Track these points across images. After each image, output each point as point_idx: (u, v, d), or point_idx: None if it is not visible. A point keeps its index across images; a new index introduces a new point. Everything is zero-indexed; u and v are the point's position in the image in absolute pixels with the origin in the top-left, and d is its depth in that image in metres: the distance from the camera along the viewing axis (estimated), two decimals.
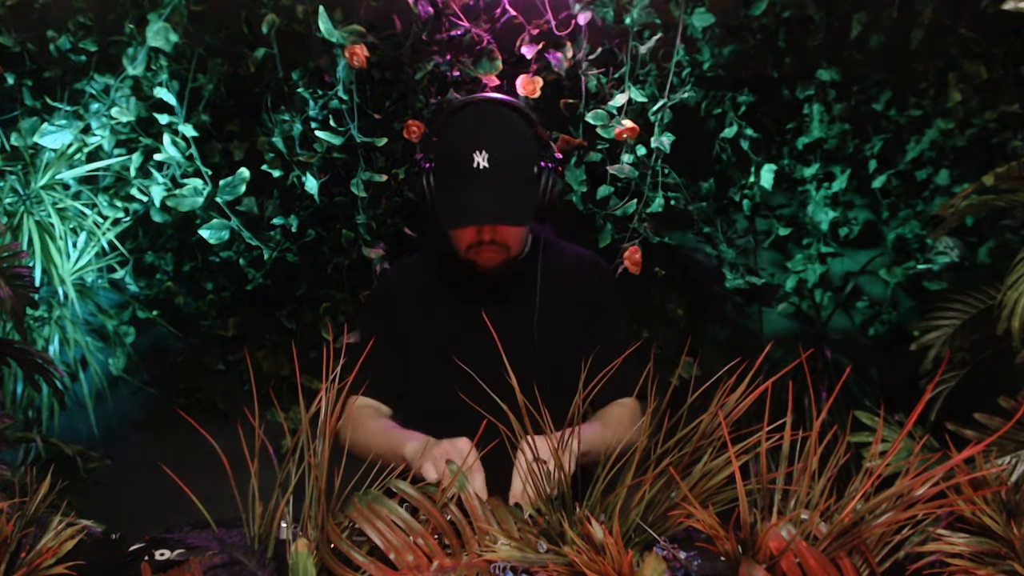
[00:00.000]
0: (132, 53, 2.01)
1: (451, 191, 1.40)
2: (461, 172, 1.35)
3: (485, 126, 1.38)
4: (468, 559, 0.90)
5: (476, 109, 1.42)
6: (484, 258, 1.46)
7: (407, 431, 1.36)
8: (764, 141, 2.37)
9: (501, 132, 1.38)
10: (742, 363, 1.00)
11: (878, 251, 2.45)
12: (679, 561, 0.91)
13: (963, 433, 1.39)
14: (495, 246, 1.44)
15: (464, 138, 1.37)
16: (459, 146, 1.36)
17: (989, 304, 1.81)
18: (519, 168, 1.39)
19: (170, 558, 0.98)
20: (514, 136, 1.40)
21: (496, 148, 1.34)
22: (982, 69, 2.25)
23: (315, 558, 0.87)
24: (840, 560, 0.82)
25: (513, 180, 1.38)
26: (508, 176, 1.36)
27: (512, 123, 1.41)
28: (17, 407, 2.11)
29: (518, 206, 1.39)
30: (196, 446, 1.23)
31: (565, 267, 1.56)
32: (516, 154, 1.39)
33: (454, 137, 1.39)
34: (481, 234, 1.42)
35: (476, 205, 1.36)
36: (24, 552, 0.91)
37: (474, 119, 1.40)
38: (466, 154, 1.34)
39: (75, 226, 2.10)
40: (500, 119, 1.40)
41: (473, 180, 1.34)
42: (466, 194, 1.36)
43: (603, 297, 1.57)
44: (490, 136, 1.36)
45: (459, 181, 1.37)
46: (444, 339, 1.51)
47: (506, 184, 1.36)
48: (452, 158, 1.38)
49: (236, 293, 2.31)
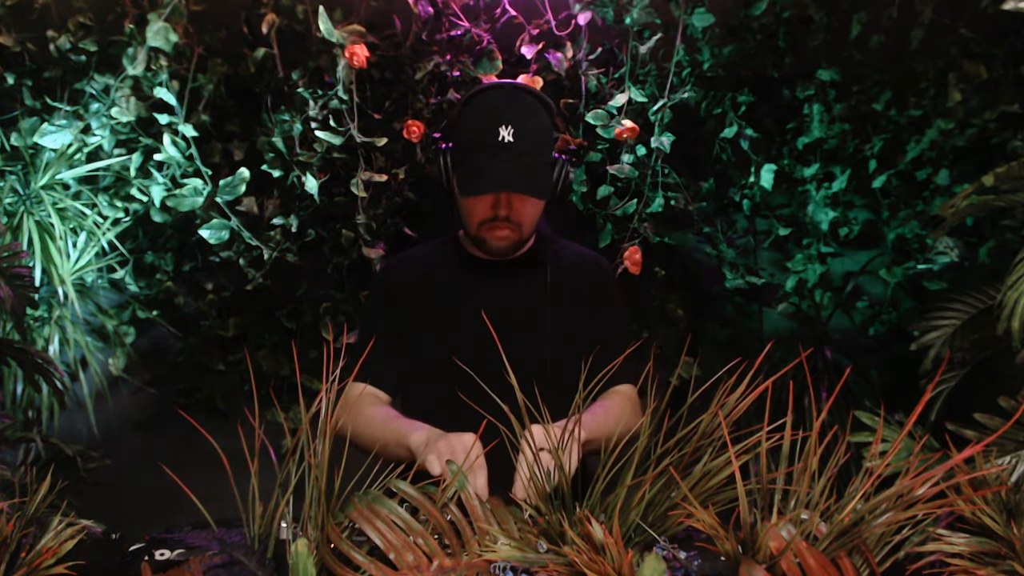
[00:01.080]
0: (132, 53, 2.01)
1: (474, 163, 1.42)
2: (486, 145, 1.39)
3: (512, 105, 1.43)
4: (468, 559, 0.90)
5: (503, 91, 1.46)
6: (496, 236, 1.47)
7: (411, 421, 1.36)
8: (764, 141, 2.37)
9: (527, 113, 1.43)
10: (742, 363, 1.00)
11: (878, 251, 2.45)
12: (679, 561, 0.91)
13: (963, 433, 1.39)
14: (509, 224, 1.46)
15: (491, 114, 1.40)
16: (485, 121, 1.40)
17: (989, 304, 1.81)
18: (541, 149, 1.44)
19: (170, 558, 0.98)
20: (538, 119, 1.44)
21: (522, 126, 1.39)
22: (982, 69, 2.25)
23: (315, 558, 0.87)
24: (840, 560, 0.82)
25: (535, 158, 1.42)
26: (531, 153, 1.40)
27: (536, 108, 1.45)
28: (17, 407, 2.11)
29: (539, 180, 1.43)
30: (196, 446, 1.23)
31: (568, 264, 1.58)
32: (539, 136, 1.43)
33: (480, 114, 1.43)
34: (497, 208, 1.44)
35: (498, 175, 1.39)
36: (24, 552, 0.91)
37: (501, 98, 1.44)
38: (492, 128, 1.38)
39: (75, 226, 2.10)
40: (526, 102, 1.45)
41: (497, 153, 1.38)
42: (489, 165, 1.39)
43: (605, 295, 1.58)
44: (516, 114, 1.40)
45: (483, 153, 1.40)
46: (447, 328, 1.52)
47: (529, 159, 1.40)
48: (477, 132, 1.41)
49: (236, 293, 2.30)
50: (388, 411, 1.45)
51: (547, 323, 1.50)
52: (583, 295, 1.56)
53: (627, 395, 1.48)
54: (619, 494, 0.94)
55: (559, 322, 1.52)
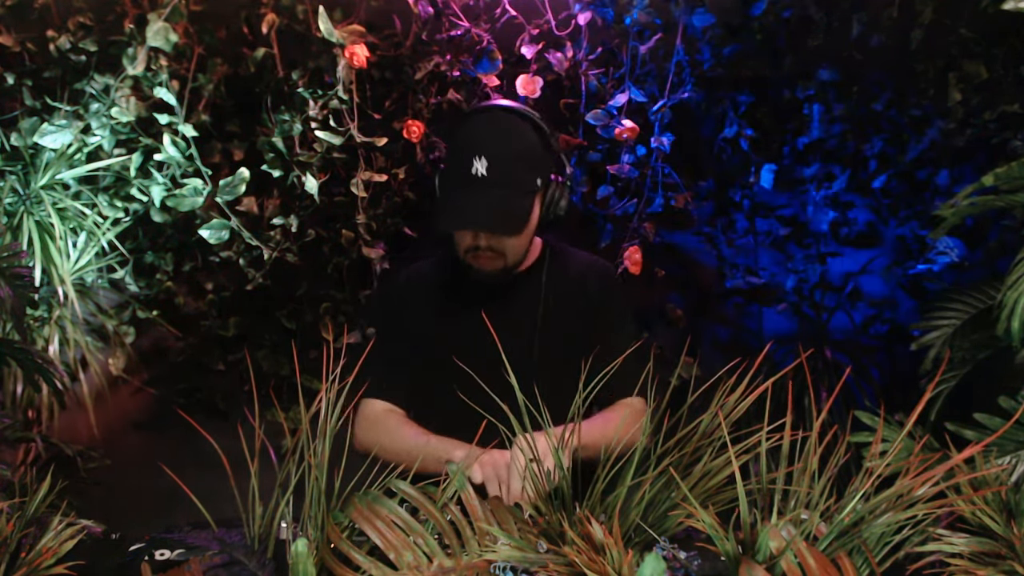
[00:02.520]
0: (132, 53, 2.01)
1: (449, 195, 1.42)
2: (460, 177, 1.37)
3: (489, 134, 1.39)
4: (468, 559, 0.90)
5: (485, 116, 1.42)
6: (481, 263, 1.47)
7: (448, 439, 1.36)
8: (764, 141, 2.37)
9: (503, 140, 1.38)
10: (742, 363, 1.00)
11: (878, 251, 2.45)
12: (679, 561, 0.91)
13: (963, 433, 1.39)
14: (492, 252, 1.45)
15: (467, 144, 1.38)
16: (462, 151, 1.38)
17: (989, 304, 1.81)
18: (518, 179, 1.39)
19: (170, 558, 0.98)
20: (518, 147, 1.40)
21: (496, 157, 1.35)
22: (982, 69, 2.25)
23: (315, 558, 0.87)
24: (840, 560, 0.82)
25: (509, 191, 1.38)
26: (504, 186, 1.37)
27: (519, 134, 1.41)
28: (17, 407, 2.11)
29: (510, 217, 1.40)
30: (196, 446, 1.23)
31: (572, 275, 1.57)
32: (517, 165, 1.39)
33: (459, 142, 1.41)
34: (477, 239, 1.43)
35: (467, 211, 1.38)
36: (24, 552, 0.91)
37: (481, 126, 1.41)
38: (467, 160, 1.35)
39: (75, 226, 2.10)
40: (507, 128, 1.40)
41: (470, 186, 1.36)
42: (461, 199, 1.38)
43: (607, 300, 1.57)
44: (491, 143, 1.37)
45: (457, 186, 1.39)
46: (447, 343, 1.52)
47: (501, 194, 1.37)
48: (455, 163, 1.39)
49: (236, 293, 2.30)
50: (418, 429, 1.45)
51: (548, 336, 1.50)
52: (587, 303, 1.55)
53: (634, 407, 1.46)
54: (619, 494, 0.94)
55: (561, 334, 1.51)
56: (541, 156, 1.43)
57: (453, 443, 1.33)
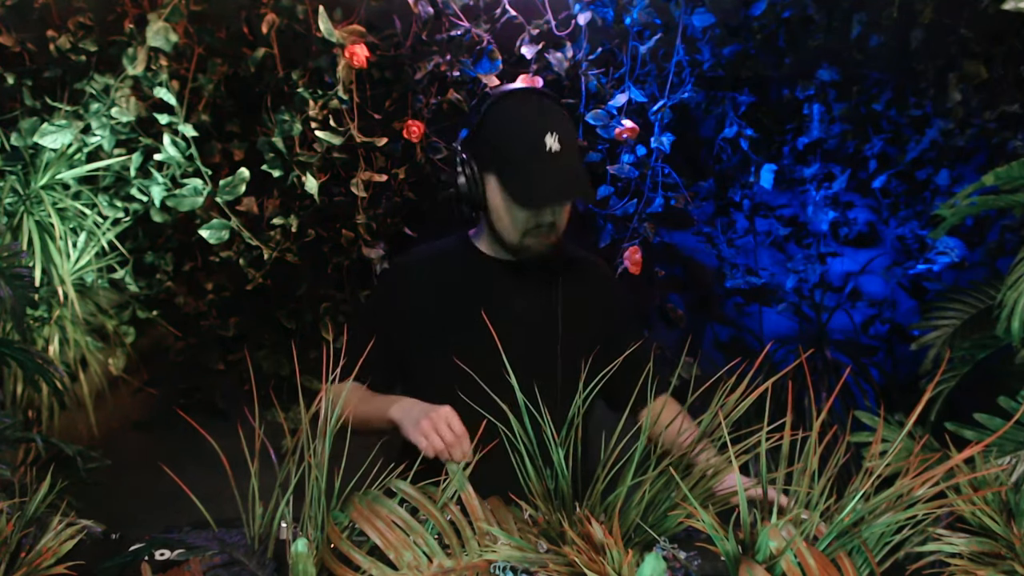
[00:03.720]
0: (132, 53, 2.01)
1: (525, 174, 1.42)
2: (536, 155, 1.39)
3: (546, 111, 1.44)
4: (468, 559, 0.90)
5: (533, 97, 1.46)
6: (542, 243, 1.48)
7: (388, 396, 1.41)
8: (764, 141, 2.37)
9: (562, 117, 1.44)
10: (742, 363, 1.00)
11: (878, 251, 2.45)
12: (679, 561, 0.91)
13: (963, 433, 1.39)
14: (553, 229, 1.47)
15: (531, 122, 1.41)
16: (527, 130, 1.40)
17: (989, 304, 1.81)
18: (580, 153, 1.48)
19: (170, 558, 0.98)
20: (570, 123, 1.47)
21: (562, 132, 1.40)
22: (982, 69, 2.24)
23: (315, 558, 0.87)
24: (840, 560, 0.82)
25: (578, 163, 1.45)
26: (576, 158, 1.43)
27: (564, 112, 1.47)
28: (17, 407, 2.11)
29: (587, 185, 1.46)
30: (196, 446, 1.23)
31: (575, 267, 1.59)
32: (576, 140, 1.46)
33: (517, 122, 1.42)
34: (542, 216, 1.45)
35: (553, 185, 1.40)
36: (24, 552, 0.91)
37: (535, 105, 1.45)
38: (537, 137, 1.38)
39: (75, 226, 2.10)
40: (556, 107, 1.46)
41: (547, 162, 1.39)
42: (542, 175, 1.39)
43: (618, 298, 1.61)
44: (556, 121, 1.42)
45: (533, 164, 1.40)
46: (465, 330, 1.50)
47: (575, 165, 1.43)
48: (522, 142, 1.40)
49: (236, 293, 2.30)
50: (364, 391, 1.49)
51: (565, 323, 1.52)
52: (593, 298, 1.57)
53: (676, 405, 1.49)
54: (619, 494, 0.94)
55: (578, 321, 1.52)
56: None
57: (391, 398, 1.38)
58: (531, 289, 1.54)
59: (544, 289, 1.53)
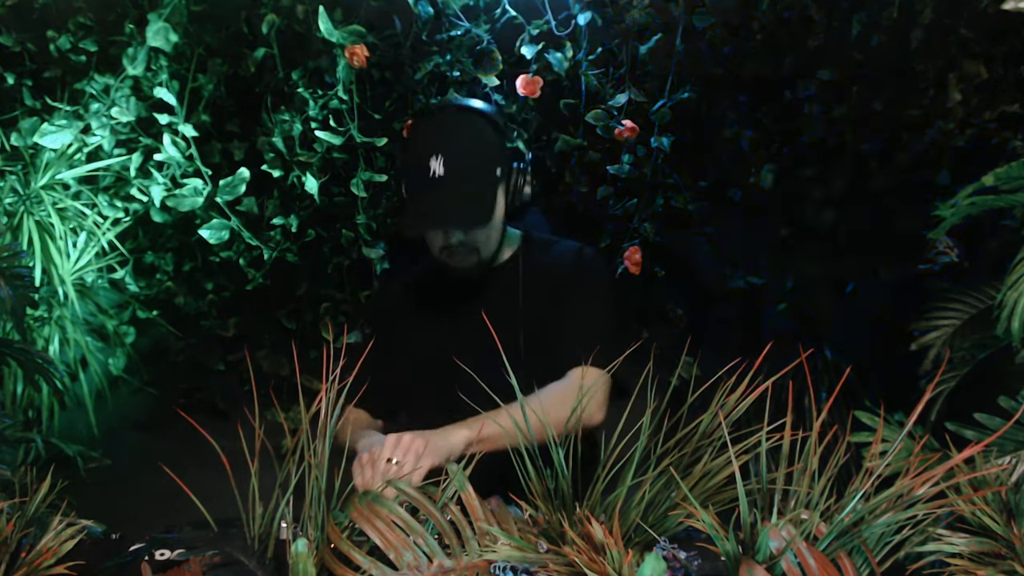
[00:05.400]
0: (132, 53, 2.01)
1: (413, 198, 1.46)
2: (420, 181, 1.41)
3: (440, 133, 1.45)
4: (468, 559, 0.90)
5: (437, 117, 1.49)
6: (455, 260, 1.51)
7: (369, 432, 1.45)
8: (764, 141, 2.37)
9: (455, 138, 1.44)
10: (742, 363, 1.00)
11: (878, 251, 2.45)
12: (679, 561, 0.91)
13: (963, 433, 1.39)
14: (464, 248, 1.49)
15: (423, 146, 1.43)
16: (419, 155, 1.42)
17: (989, 304, 1.81)
18: (474, 173, 1.44)
19: (170, 558, 0.98)
20: (470, 141, 1.45)
21: (450, 153, 1.40)
22: (982, 69, 2.24)
23: (315, 558, 0.87)
24: (840, 560, 0.82)
25: (469, 185, 1.42)
26: (463, 181, 1.41)
27: (470, 128, 1.46)
28: (17, 407, 2.11)
29: (473, 211, 1.44)
30: (196, 446, 1.23)
31: (549, 263, 1.58)
32: (471, 160, 1.43)
33: (414, 146, 1.47)
34: (448, 237, 1.47)
35: (432, 211, 1.42)
36: (24, 552, 0.91)
37: (432, 128, 1.47)
38: (424, 162, 1.40)
39: (75, 226, 2.10)
40: (456, 125, 1.46)
41: (430, 188, 1.40)
42: (424, 200, 1.42)
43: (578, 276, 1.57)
44: (444, 143, 1.42)
45: (418, 188, 1.43)
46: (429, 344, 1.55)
47: (461, 189, 1.41)
48: (412, 167, 1.44)
49: (236, 293, 2.30)
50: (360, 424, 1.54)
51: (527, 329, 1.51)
52: (563, 289, 1.55)
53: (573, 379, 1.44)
54: (619, 494, 0.94)
55: (539, 323, 1.52)
56: (496, 146, 1.48)
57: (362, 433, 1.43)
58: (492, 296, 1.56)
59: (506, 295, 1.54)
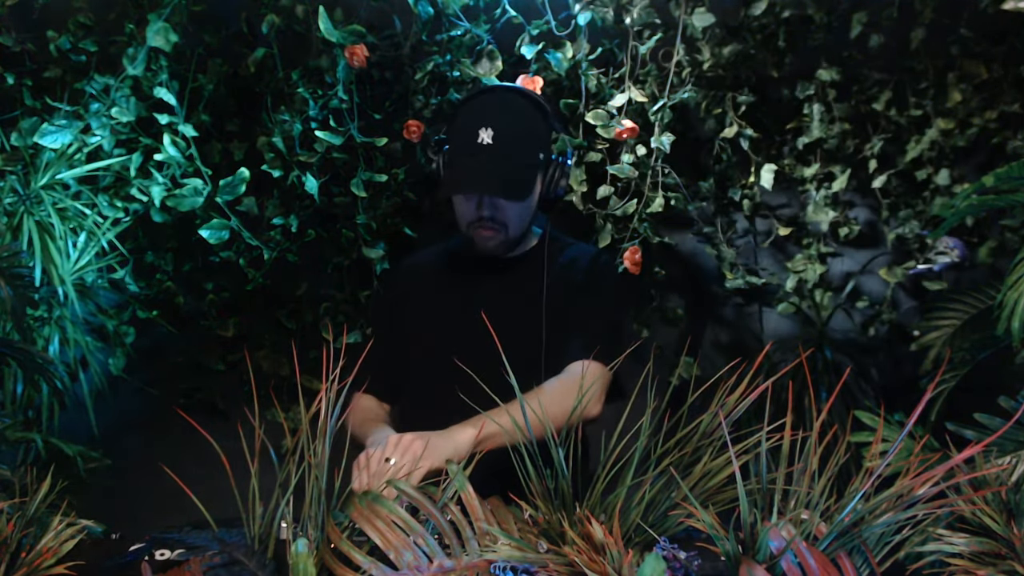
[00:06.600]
0: (132, 53, 2.01)
1: (456, 164, 1.47)
2: (467, 147, 1.42)
3: (494, 107, 1.46)
4: (468, 559, 0.90)
5: (491, 94, 1.49)
6: (482, 236, 1.50)
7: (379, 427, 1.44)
8: (764, 141, 2.37)
9: (508, 114, 1.45)
10: (742, 363, 1.00)
11: (878, 251, 2.45)
12: (679, 561, 0.91)
13: (963, 433, 1.39)
14: (494, 224, 1.49)
15: (474, 117, 1.44)
16: (468, 124, 1.43)
17: (989, 304, 1.81)
18: (521, 150, 1.45)
19: (170, 558, 0.98)
20: (520, 120, 1.46)
21: (501, 127, 1.41)
22: (982, 69, 2.25)
23: (315, 558, 0.87)
24: (840, 560, 0.82)
25: (514, 159, 1.44)
26: (509, 154, 1.42)
27: (522, 109, 1.47)
28: (17, 407, 2.11)
29: (515, 183, 1.45)
30: (196, 446, 1.23)
31: (566, 261, 1.58)
32: (520, 136, 1.45)
33: (466, 117, 1.46)
34: (481, 209, 1.47)
35: (475, 176, 1.42)
36: (24, 552, 0.91)
37: (486, 101, 1.47)
38: (473, 131, 1.41)
39: (75, 226, 2.10)
40: (511, 103, 1.47)
41: (476, 154, 1.41)
42: (468, 166, 1.43)
43: (592, 282, 1.57)
44: (497, 116, 1.43)
45: (464, 155, 1.44)
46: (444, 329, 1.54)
47: (507, 161, 1.42)
48: (461, 135, 1.45)
49: (236, 293, 2.30)
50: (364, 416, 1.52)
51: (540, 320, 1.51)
52: (576, 289, 1.56)
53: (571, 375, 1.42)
54: (619, 494, 0.94)
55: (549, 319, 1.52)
56: (543, 133, 1.49)
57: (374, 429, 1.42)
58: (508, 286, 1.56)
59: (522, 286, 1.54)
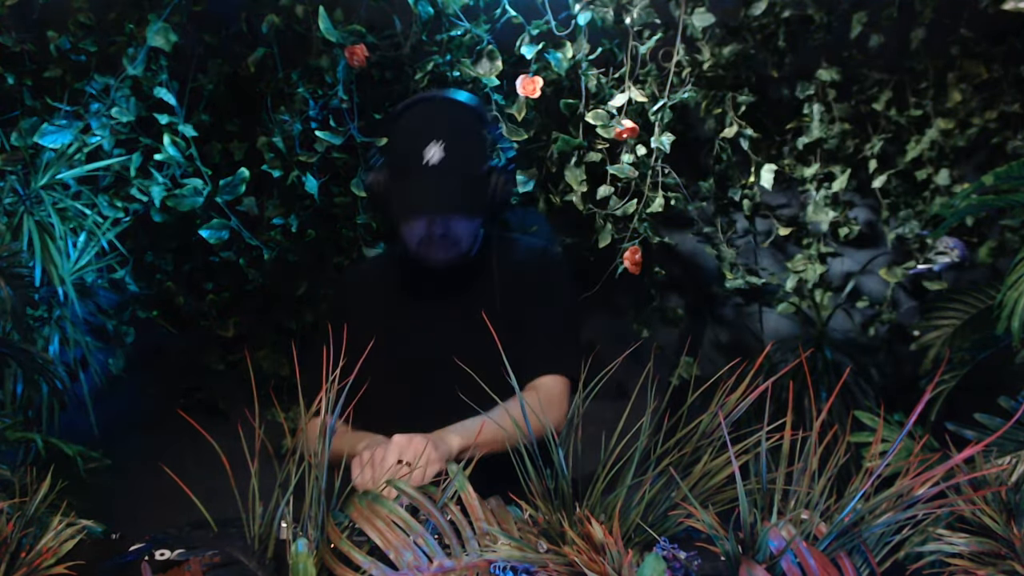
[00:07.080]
0: (132, 53, 2.01)
1: (403, 186, 1.43)
2: (413, 167, 1.38)
3: (439, 120, 1.42)
4: (468, 559, 0.90)
5: (430, 104, 1.46)
6: (434, 253, 1.48)
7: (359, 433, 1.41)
8: (764, 141, 2.37)
9: (454, 127, 1.42)
10: (742, 363, 1.00)
11: (878, 251, 2.45)
12: (679, 561, 0.91)
13: (963, 433, 1.39)
14: (446, 241, 1.46)
15: (417, 133, 1.40)
16: (412, 141, 1.39)
17: (989, 304, 1.81)
18: (470, 165, 1.43)
19: (170, 558, 0.98)
20: (467, 133, 1.43)
21: (448, 143, 1.38)
22: (982, 69, 2.25)
23: (315, 558, 0.87)
24: (840, 560, 0.82)
25: (462, 175, 1.41)
26: (457, 171, 1.39)
27: (465, 120, 1.44)
28: (17, 407, 2.11)
29: (467, 200, 1.43)
30: (196, 446, 1.23)
31: (514, 262, 1.57)
32: (468, 152, 1.42)
33: (407, 133, 1.43)
34: (432, 228, 1.44)
35: (427, 198, 1.39)
36: (24, 552, 0.91)
37: (428, 114, 1.44)
38: (419, 147, 1.37)
39: (75, 226, 2.09)
40: (453, 115, 1.44)
41: (424, 175, 1.37)
42: (421, 187, 1.39)
43: (542, 282, 1.57)
44: (444, 130, 1.39)
45: (411, 176, 1.40)
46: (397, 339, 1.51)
47: (455, 178, 1.39)
48: (405, 153, 1.41)
49: (236, 293, 2.30)
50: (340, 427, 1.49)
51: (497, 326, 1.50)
52: (527, 288, 1.55)
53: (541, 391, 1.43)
54: (619, 494, 0.94)
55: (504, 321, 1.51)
56: (485, 142, 1.46)
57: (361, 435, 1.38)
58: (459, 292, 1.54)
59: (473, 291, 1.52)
